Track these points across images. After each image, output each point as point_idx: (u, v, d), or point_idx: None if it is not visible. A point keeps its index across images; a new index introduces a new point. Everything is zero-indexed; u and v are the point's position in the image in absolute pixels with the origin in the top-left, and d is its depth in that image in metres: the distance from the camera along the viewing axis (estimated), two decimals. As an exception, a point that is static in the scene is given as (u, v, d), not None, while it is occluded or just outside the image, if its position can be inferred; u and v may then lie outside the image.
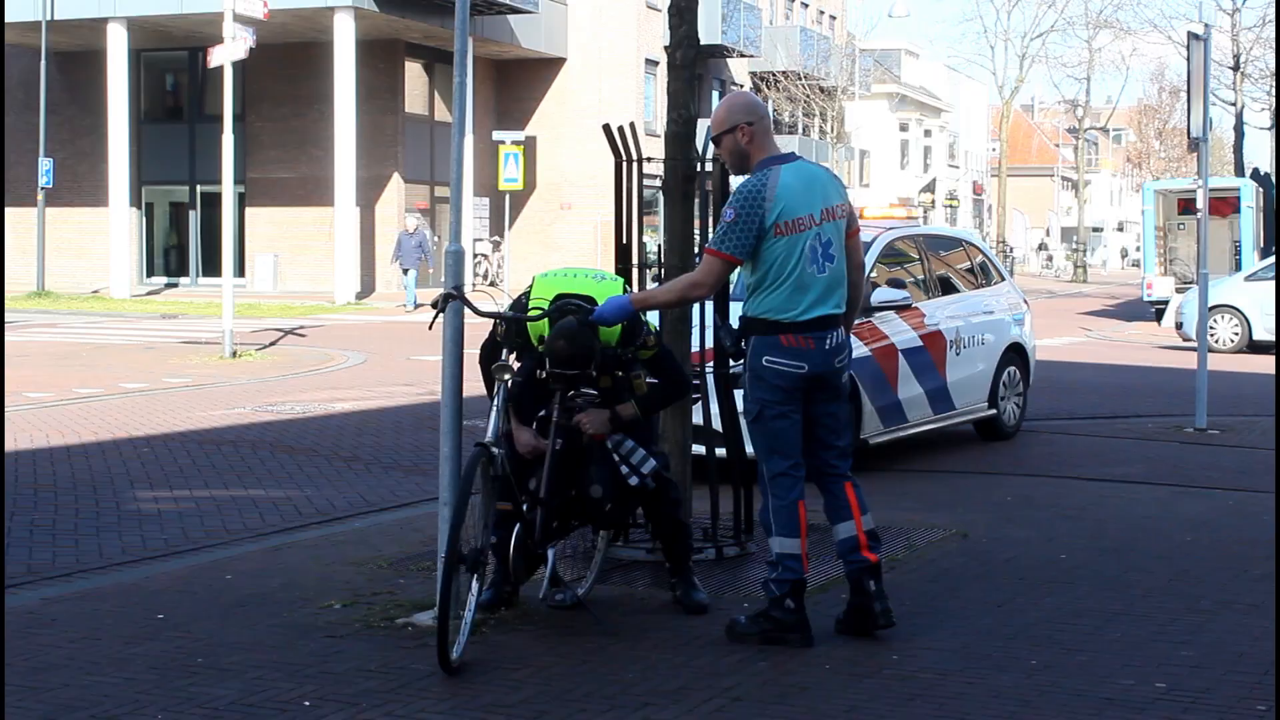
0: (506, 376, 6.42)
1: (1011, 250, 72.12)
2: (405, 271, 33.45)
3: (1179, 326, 26.11)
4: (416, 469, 11.55)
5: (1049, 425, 14.31)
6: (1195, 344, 25.01)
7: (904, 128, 75.00)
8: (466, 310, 6.60)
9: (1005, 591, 7.28)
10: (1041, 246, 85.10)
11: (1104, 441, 13.23)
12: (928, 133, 77.92)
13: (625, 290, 6.60)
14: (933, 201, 74.58)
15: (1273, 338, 24.71)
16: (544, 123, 44.19)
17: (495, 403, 6.40)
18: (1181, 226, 33.60)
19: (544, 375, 6.42)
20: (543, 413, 6.50)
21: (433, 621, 6.19)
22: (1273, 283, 24.83)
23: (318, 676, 5.80)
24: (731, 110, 6.39)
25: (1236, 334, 25.51)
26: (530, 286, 6.63)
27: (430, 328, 6.75)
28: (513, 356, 6.67)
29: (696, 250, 8.01)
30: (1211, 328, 25.55)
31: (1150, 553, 8.23)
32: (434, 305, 6.48)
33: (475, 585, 6.16)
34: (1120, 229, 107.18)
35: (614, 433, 6.46)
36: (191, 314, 31.99)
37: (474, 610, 6.09)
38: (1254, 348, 25.26)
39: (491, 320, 6.57)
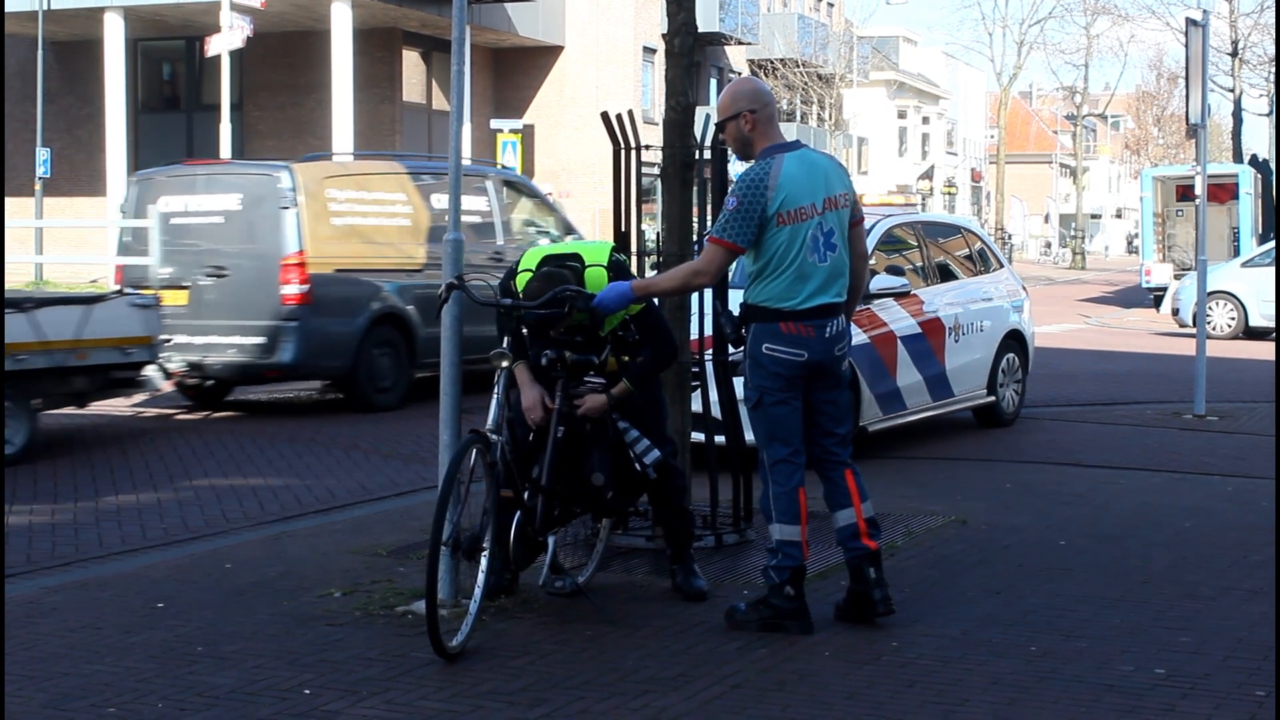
0: (505, 364, 6.42)
1: (1010, 237, 72.10)
2: None
3: (1176, 313, 26.18)
4: (416, 457, 11.56)
5: (1048, 412, 14.31)
6: (1192, 330, 25.21)
7: (902, 115, 74.92)
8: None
9: (1004, 578, 7.28)
10: (1055, 240, 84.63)
11: (1103, 428, 13.24)
12: (926, 120, 77.82)
13: (614, 253, 6.62)
14: (931, 189, 74.50)
15: (1269, 324, 24.76)
16: (542, 111, 44.14)
17: (495, 392, 6.40)
18: (1180, 213, 33.60)
19: (518, 315, 6.41)
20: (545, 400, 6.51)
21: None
22: (1269, 269, 24.84)
23: (317, 664, 5.81)
24: (736, 97, 6.37)
25: (1233, 320, 25.54)
26: (517, 262, 6.65)
27: (437, 316, 6.75)
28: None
29: (695, 238, 8.01)
30: (1208, 314, 25.61)
31: (1149, 539, 8.24)
32: (439, 296, 6.51)
33: (480, 575, 6.16)
34: (1119, 216, 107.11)
35: (612, 413, 6.46)
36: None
37: (479, 599, 6.09)
38: (1250, 334, 25.30)
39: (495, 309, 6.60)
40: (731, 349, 6.83)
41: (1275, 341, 16.90)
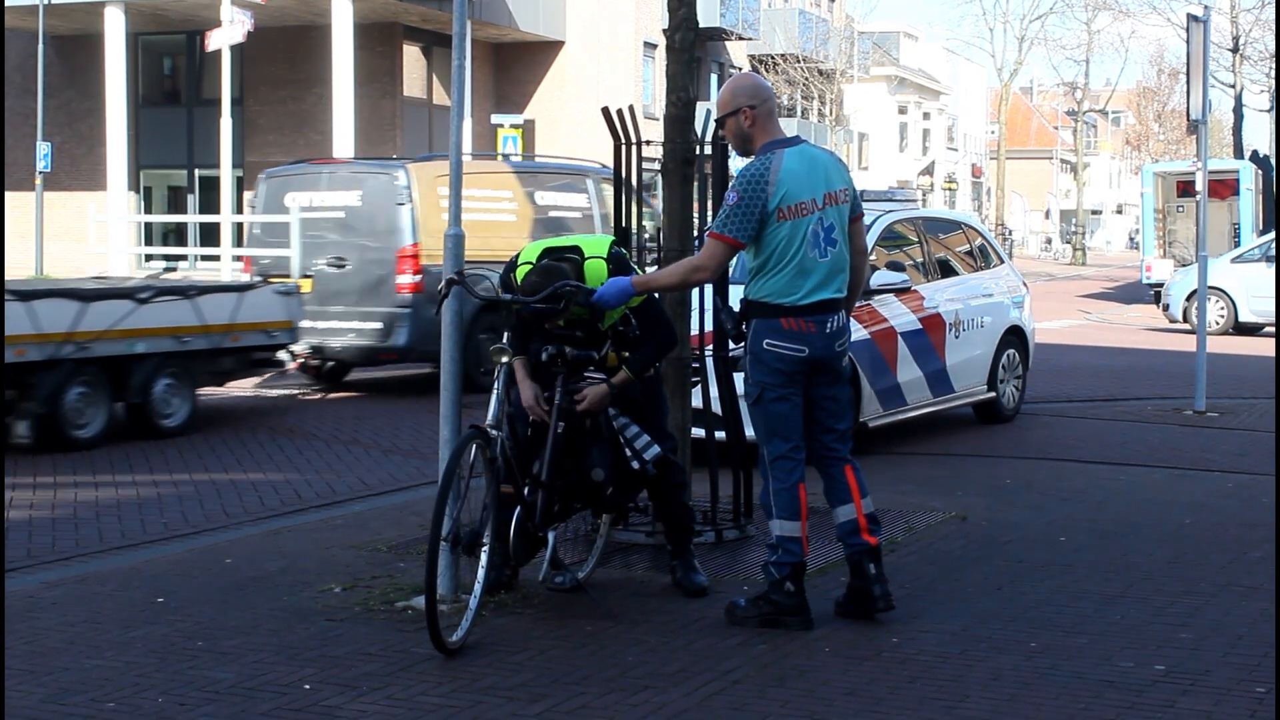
0: (505, 359, 6.41)
1: (1010, 233, 72.09)
2: None
3: (1166, 308, 26.36)
4: (416, 453, 11.56)
5: (1048, 408, 14.31)
6: (1182, 325, 25.47)
7: (903, 110, 74.89)
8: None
9: (1004, 574, 7.28)
10: (1056, 236, 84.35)
11: (1103, 424, 13.24)
12: (926, 115, 77.81)
13: (615, 246, 6.62)
14: (931, 184, 74.49)
15: (1258, 319, 24.91)
16: (542, 106, 44.12)
17: (495, 387, 6.39)
18: (1180, 209, 33.58)
19: (517, 307, 6.40)
20: (546, 395, 6.50)
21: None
22: (1258, 264, 24.94)
23: (317, 659, 5.81)
24: (736, 93, 6.36)
25: (1222, 315, 25.56)
26: (517, 255, 6.64)
27: (436, 313, 6.76)
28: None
29: (696, 233, 8.01)
30: (1199, 309, 25.71)
31: (1149, 535, 8.23)
32: (439, 291, 6.51)
33: (480, 570, 6.15)
34: (1119, 211, 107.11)
35: (614, 405, 6.46)
36: (190, 298, 31.91)
37: (479, 594, 6.09)
38: (1239, 329, 25.32)
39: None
40: (732, 344, 6.82)
41: (1275, 338, 16.89)
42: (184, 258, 26.71)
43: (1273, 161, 38.19)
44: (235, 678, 5.58)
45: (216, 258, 23.12)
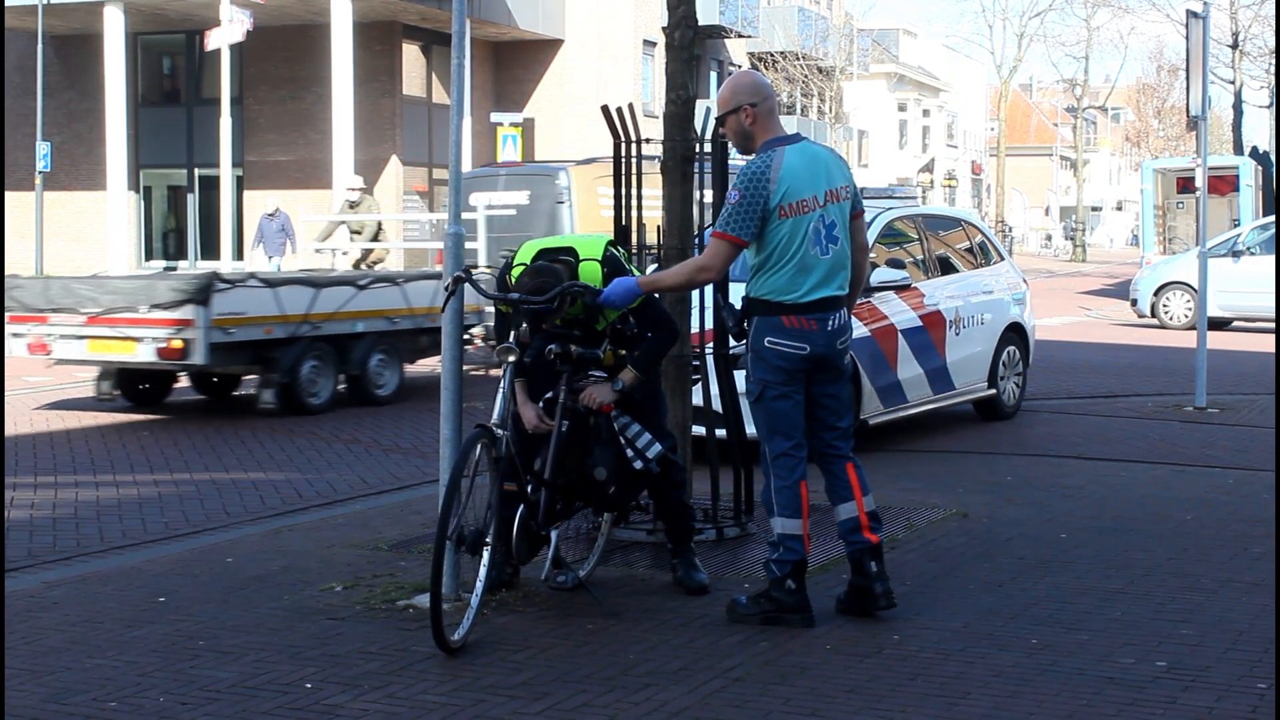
0: (512, 358, 6.40)
1: (1010, 230, 72.04)
2: (270, 258, 31.03)
3: (1134, 303, 26.43)
4: (416, 451, 11.56)
5: (1048, 405, 14.31)
6: (1150, 320, 25.67)
7: (902, 108, 74.85)
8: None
9: (1005, 571, 7.28)
10: (1057, 233, 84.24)
11: (1103, 421, 13.24)
12: (926, 113, 77.76)
13: (611, 247, 6.62)
14: (931, 181, 74.45)
15: (1225, 314, 25.03)
16: (542, 104, 44.11)
17: (501, 385, 6.39)
18: (1180, 205, 33.61)
19: (512, 310, 6.42)
20: (549, 394, 6.50)
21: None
22: (1224, 259, 24.98)
23: (319, 658, 5.81)
24: (736, 91, 6.36)
25: (1189, 309, 25.57)
26: (513, 254, 6.64)
27: (443, 309, 6.74)
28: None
29: (696, 232, 8.00)
30: (1166, 304, 25.97)
31: (1150, 531, 8.23)
32: (445, 288, 6.50)
33: (483, 569, 6.15)
34: (1119, 208, 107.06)
35: (619, 401, 6.46)
36: (190, 297, 31.83)
37: (480, 593, 6.08)
38: (1208, 324, 25.36)
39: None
40: (733, 341, 6.82)
41: (1275, 335, 16.88)
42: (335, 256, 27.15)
43: (1272, 157, 38.19)
44: (237, 677, 5.59)
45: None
